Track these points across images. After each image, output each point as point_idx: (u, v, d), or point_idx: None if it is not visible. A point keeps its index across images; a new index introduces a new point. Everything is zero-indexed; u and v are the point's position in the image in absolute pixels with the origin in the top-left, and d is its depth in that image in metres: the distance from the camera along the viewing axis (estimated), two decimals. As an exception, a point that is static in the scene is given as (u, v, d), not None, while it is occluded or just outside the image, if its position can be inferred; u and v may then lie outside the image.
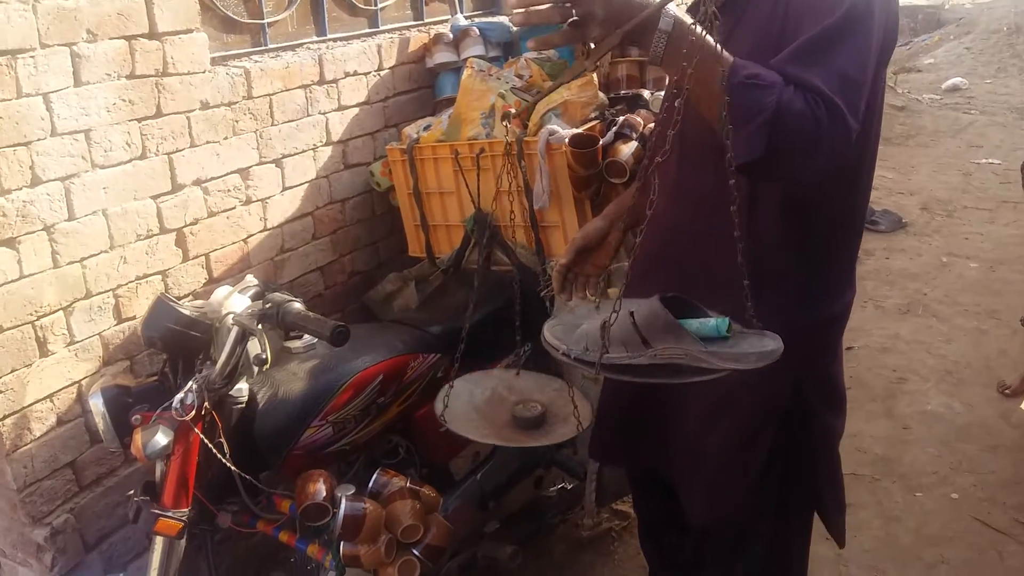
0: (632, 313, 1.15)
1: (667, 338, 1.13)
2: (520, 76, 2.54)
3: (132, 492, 1.68)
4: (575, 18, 1.09)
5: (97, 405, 1.64)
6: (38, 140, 1.78)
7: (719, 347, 1.14)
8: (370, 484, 1.78)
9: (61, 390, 1.91)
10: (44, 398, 1.87)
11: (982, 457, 2.95)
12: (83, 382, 1.94)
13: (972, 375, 3.49)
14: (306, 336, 1.87)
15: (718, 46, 1.09)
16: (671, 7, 1.12)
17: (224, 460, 1.61)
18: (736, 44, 1.20)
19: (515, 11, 1.12)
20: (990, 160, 6.82)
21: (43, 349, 1.85)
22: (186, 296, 2.17)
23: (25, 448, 1.85)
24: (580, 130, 2.22)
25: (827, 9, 1.18)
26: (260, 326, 1.56)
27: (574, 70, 1.17)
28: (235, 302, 1.64)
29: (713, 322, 1.17)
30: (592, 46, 1.14)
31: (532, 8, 1.10)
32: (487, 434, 1.68)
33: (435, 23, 3.06)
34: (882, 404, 3.31)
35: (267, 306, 1.56)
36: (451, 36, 2.89)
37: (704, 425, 1.59)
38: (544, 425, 1.70)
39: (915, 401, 3.33)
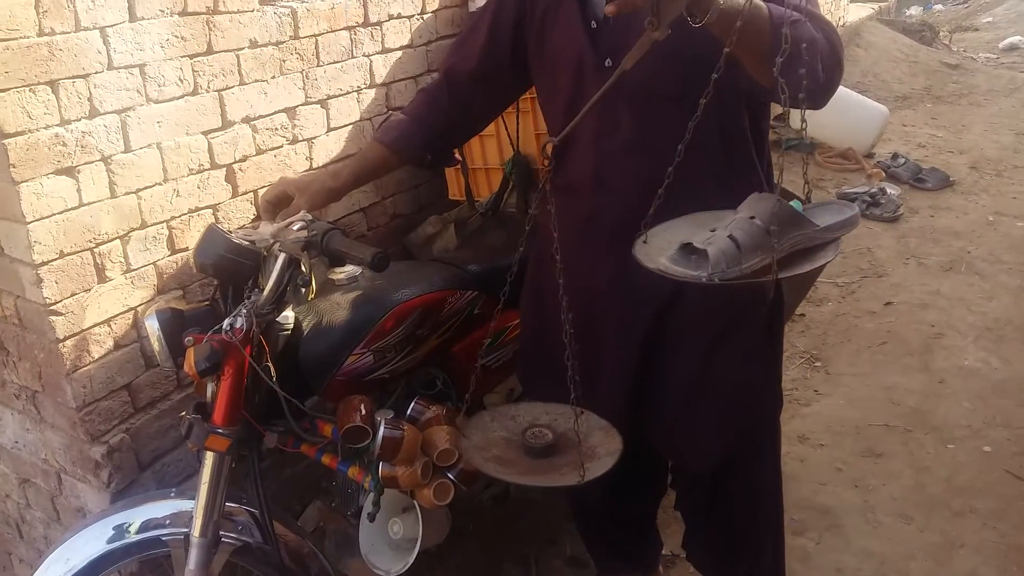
0: (751, 216, 1.15)
1: (791, 229, 1.14)
2: (562, 19, 2.54)
3: (184, 412, 1.77)
4: None
5: (152, 326, 1.71)
6: (96, 73, 1.84)
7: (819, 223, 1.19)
8: (408, 411, 1.85)
9: (118, 315, 2.00)
10: (102, 322, 1.97)
11: (1018, 412, 2.94)
12: (139, 308, 2.04)
13: (1012, 332, 3.46)
14: (349, 268, 1.93)
15: None
16: None
17: (270, 382, 1.68)
18: None
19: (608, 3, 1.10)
20: (1045, 120, 6.62)
21: (101, 275, 1.94)
22: (236, 230, 2.24)
23: (84, 369, 1.95)
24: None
25: None
26: (305, 252, 1.62)
27: (643, 44, 1.12)
28: (283, 232, 1.70)
29: (794, 203, 1.23)
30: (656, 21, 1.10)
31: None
32: (502, 472, 1.50)
33: (479, -33, 3.06)
34: (919, 358, 3.30)
35: (312, 233, 1.62)
36: (495, -21, 2.89)
37: (712, 353, 1.63)
38: (555, 455, 1.52)
39: (952, 356, 3.31)
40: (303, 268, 1.66)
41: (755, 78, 1.30)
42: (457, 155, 2.36)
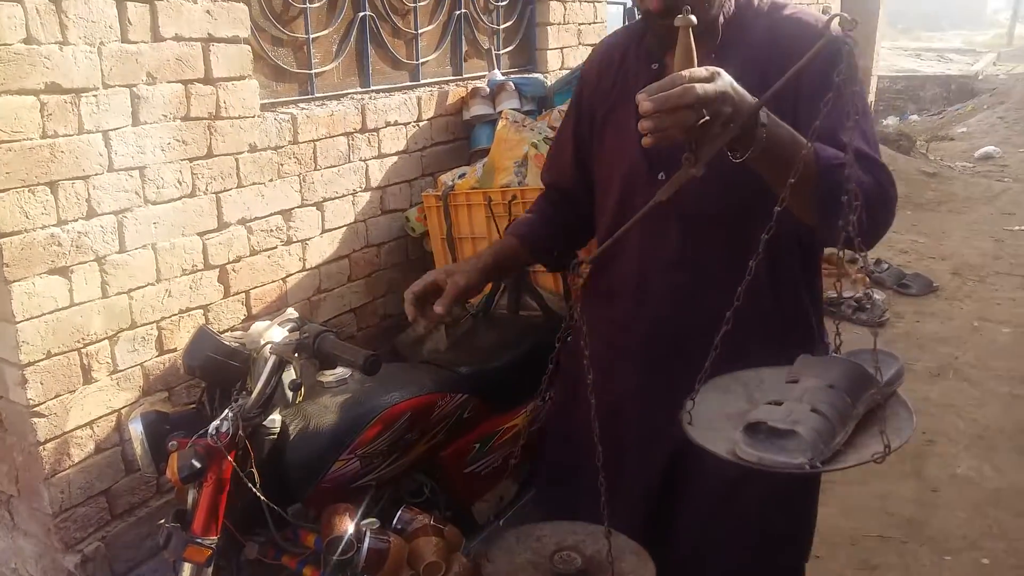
0: (832, 386, 1.04)
1: (863, 393, 1.04)
2: (553, 128, 2.62)
3: (163, 520, 1.71)
4: (705, 118, 1.02)
5: (136, 430, 1.68)
6: (95, 175, 1.87)
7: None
8: (394, 520, 1.80)
9: (101, 417, 1.97)
10: (85, 424, 1.93)
11: (1014, 523, 2.89)
12: (123, 410, 2.00)
13: (1004, 440, 3.43)
14: (339, 370, 1.91)
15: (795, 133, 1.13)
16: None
17: (254, 490, 1.64)
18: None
19: (643, 131, 1.03)
20: (1022, 227, 6.78)
21: (87, 376, 1.92)
22: (225, 331, 2.23)
23: (63, 473, 1.90)
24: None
25: (853, 76, 1.23)
26: (296, 355, 1.60)
27: (679, 178, 1.07)
28: (274, 333, 1.69)
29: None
30: (694, 154, 1.06)
31: (662, 133, 1.02)
32: None
33: (473, 78, 3.17)
34: (911, 465, 3.26)
35: (304, 336, 1.61)
36: (488, 90, 3.00)
37: (736, 488, 1.53)
38: None
39: (945, 464, 3.27)
40: (293, 371, 1.64)
41: (799, 217, 1.24)
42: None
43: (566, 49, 3.65)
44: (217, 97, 2.12)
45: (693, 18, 1.06)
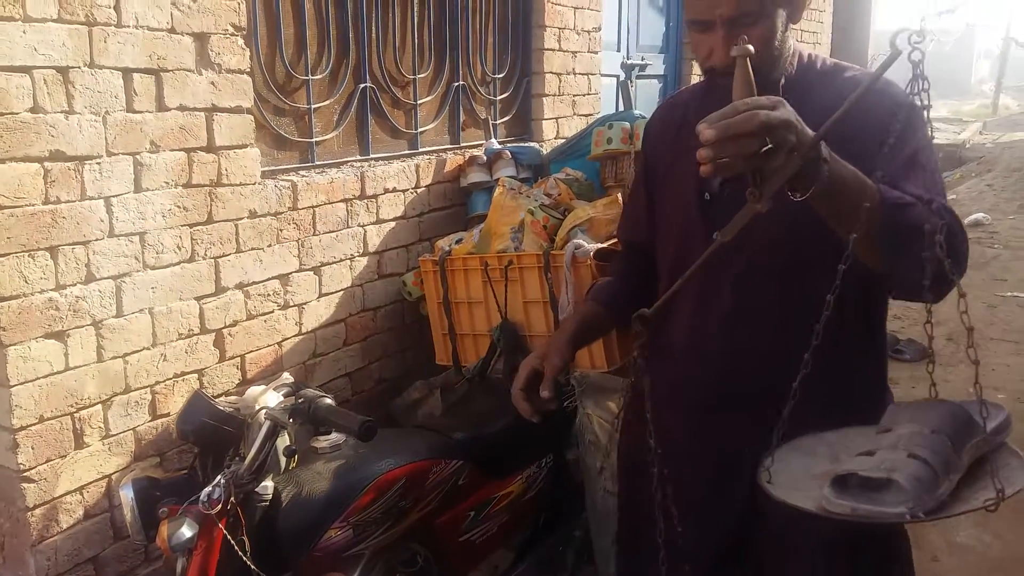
0: (934, 431, 0.97)
1: (968, 440, 0.97)
2: (549, 195, 2.67)
3: (151, 589, 1.69)
4: (769, 146, 0.98)
5: (127, 496, 1.66)
6: (96, 240, 1.90)
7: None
8: (388, 590, 1.77)
9: (91, 483, 1.94)
10: (75, 490, 1.91)
11: (1018, 594, 2.84)
12: (114, 476, 1.98)
13: (1003, 508, 3.36)
14: (333, 436, 1.90)
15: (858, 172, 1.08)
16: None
17: (245, 559, 1.62)
18: None
19: (700, 160, 1.00)
20: (1015, 293, 6.83)
21: (79, 441, 1.91)
22: (220, 395, 2.23)
23: (51, 540, 1.87)
24: (605, 245, 2.31)
25: (917, 123, 1.19)
26: (291, 420, 1.60)
27: (743, 216, 1.04)
28: (269, 398, 1.69)
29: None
30: (757, 187, 1.02)
31: (723, 162, 0.98)
32: None
33: (470, 147, 3.24)
34: (911, 533, 3.22)
35: (299, 401, 1.61)
36: (485, 158, 3.06)
37: (820, 552, 1.45)
38: None
39: (944, 531, 3.23)
40: (288, 436, 1.63)
41: (866, 263, 1.19)
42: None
43: (561, 119, 3.73)
44: (219, 165, 2.16)
45: (751, 47, 1.05)
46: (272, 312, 2.38)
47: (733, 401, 1.45)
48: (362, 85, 2.77)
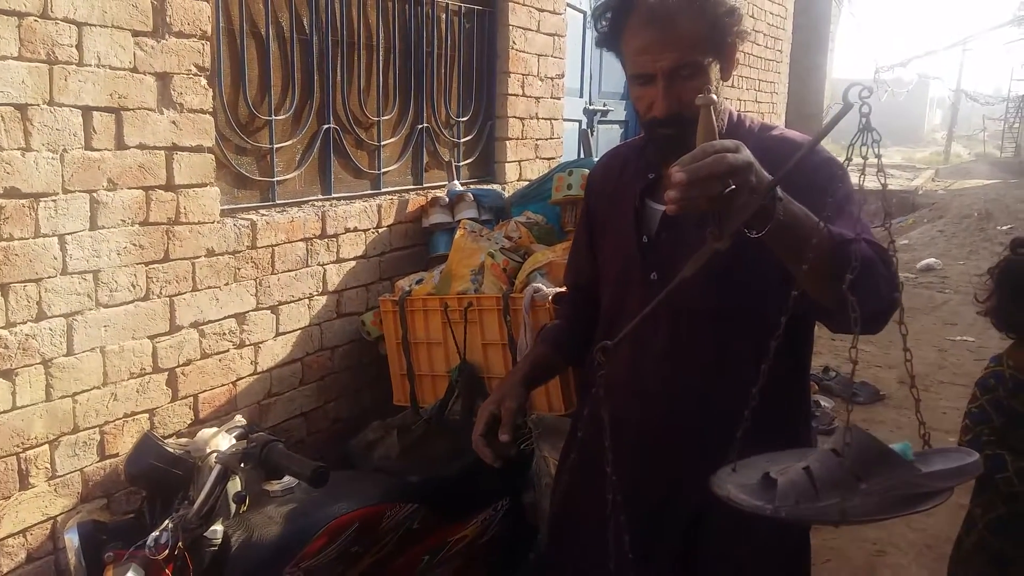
0: (834, 450, 1.04)
1: (881, 469, 1.03)
2: (510, 238, 2.70)
3: (94, 637, 1.64)
4: (732, 187, 1.03)
5: (72, 540, 1.63)
6: (48, 278, 1.87)
7: (924, 469, 1.08)
8: (338, 638, 1.74)
9: (36, 525, 1.90)
10: (18, 532, 1.86)
11: (966, 638, 2.87)
12: (59, 518, 1.94)
13: (952, 549, 3.46)
14: (285, 479, 1.88)
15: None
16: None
17: (192, 605, 1.59)
18: None
19: (670, 202, 1.03)
20: (964, 337, 7.00)
21: (24, 482, 1.86)
22: (170, 436, 2.19)
23: (-10, 584, 1.82)
24: (563, 289, 2.33)
25: (844, 176, 1.29)
26: (243, 464, 1.59)
27: (703, 254, 1.08)
28: (221, 441, 1.67)
29: (899, 446, 1.12)
30: (717, 229, 1.06)
31: (688, 202, 1.03)
32: None
33: (433, 188, 3.27)
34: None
35: (251, 444, 1.59)
36: (447, 199, 3.09)
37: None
38: None
39: (895, 574, 3.27)
40: (239, 481, 1.62)
41: (813, 297, 1.23)
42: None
43: (524, 162, 3.79)
44: (178, 203, 2.15)
45: (714, 96, 1.12)
46: (227, 351, 2.36)
47: (672, 435, 1.51)
48: (326, 126, 2.79)
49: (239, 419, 1.81)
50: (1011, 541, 2.06)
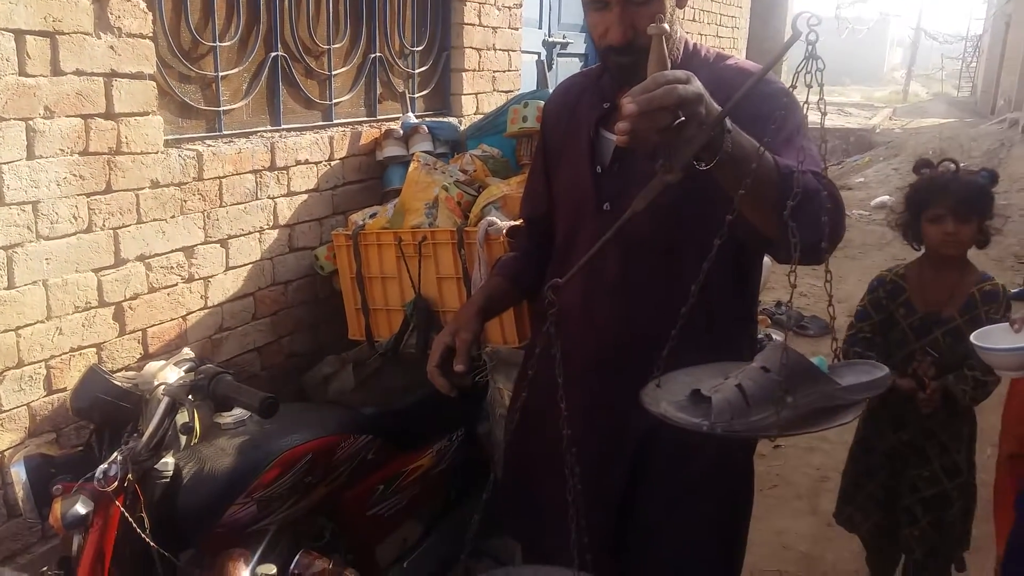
0: (764, 367, 1.08)
1: (806, 384, 1.07)
2: (464, 171, 2.67)
3: (46, 568, 1.64)
4: (681, 119, 1.02)
5: (19, 474, 1.61)
6: (-16, 209, 1.82)
7: (840, 382, 1.13)
8: (292, 566, 1.76)
9: (-19, 460, 1.88)
10: (-37, 468, 1.84)
11: (902, 556, 3.02)
12: (6, 453, 1.92)
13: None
14: (237, 412, 1.88)
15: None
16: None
17: (144, 536, 1.59)
18: None
19: (620, 133, 1.02)
20: (913, 273, 7.19)
21: (-33, 417, 1.84)
22: (119, 370, 2.17)
23: (-63, 519, 1.81)
24: (518, 222, 2.33)
25: (795, 108, 1.31)
26: (191, 397, 1.58)
27: (654, 187, 1.07)
28: (169, 374, 1.66)
29: (817, 359, 1.17)
30: (666, 162, 1.06)
31: (639, 134, 1.02)
32: None
33: (387, 120, 3.21)
34: (807, 502, 3.39)
35: (199, 377, 1.58)
36: (401, 132, 3.03)
37: (690, 498, 1.60)
38: None
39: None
40: (187, 413, 1.61)
41: (758, 228, 1.26)
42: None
43: (480, 95, 3.73)
44: (118, 132, 2.08)
45: (666, 26, 1.12)
46: (176, 285, 2.32)
47: (622, 365, 1.54)
48: (273, 54, 2.70)
49: (187, 352, 1.80)
50: (872, 429, 2.48)
